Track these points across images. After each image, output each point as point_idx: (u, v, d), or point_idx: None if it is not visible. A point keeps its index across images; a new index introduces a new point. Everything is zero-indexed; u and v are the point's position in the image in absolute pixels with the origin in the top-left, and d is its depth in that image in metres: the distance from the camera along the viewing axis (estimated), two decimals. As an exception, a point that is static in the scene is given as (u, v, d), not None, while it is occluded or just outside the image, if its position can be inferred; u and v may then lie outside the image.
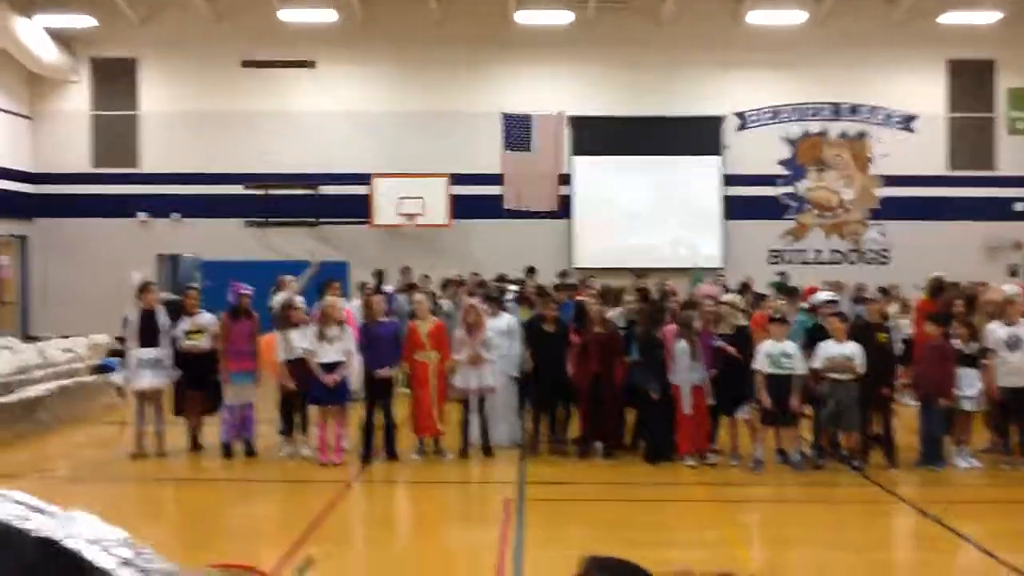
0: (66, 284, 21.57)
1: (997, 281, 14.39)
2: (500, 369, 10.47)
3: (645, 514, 8.35)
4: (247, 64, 21.91)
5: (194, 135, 21.89)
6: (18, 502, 0.70)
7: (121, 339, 10.72)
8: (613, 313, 10.95)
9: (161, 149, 22.08)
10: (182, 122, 21.94)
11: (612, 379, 10.01)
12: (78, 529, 0.68)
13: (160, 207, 21.91)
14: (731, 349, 9.89)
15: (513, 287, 13.06)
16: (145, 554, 0.70)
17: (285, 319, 10.20)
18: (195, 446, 10.50)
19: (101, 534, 0.68)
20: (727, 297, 11.38)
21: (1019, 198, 21.71)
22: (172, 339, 10.27)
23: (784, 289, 13.99)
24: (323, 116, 21.88)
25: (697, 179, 21.74)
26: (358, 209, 20.90)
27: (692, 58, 21.62)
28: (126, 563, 0.68)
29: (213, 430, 10.40)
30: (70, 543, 0.67)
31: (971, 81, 22.02)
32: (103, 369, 13.29)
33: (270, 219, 21.63)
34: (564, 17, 20.78)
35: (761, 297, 13.08)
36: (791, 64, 21.73)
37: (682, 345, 9.77)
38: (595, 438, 10.28)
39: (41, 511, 0.69)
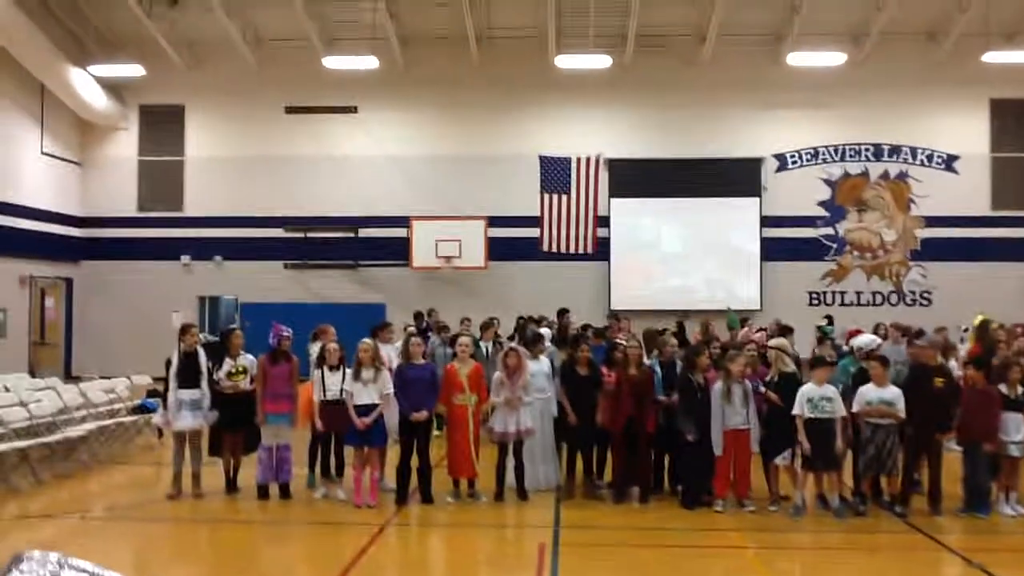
0: (108, 325, 21.93)
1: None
2: (541, 411, 10.43)
3: (681, 560, 8.21)
4: (291, 110, 22.33)
5: (237, 179, 22.27)
6: (82, 570, 0.68)
7: (161, 379, 10.81)
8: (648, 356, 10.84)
9: (205, 193, 22.50)
10: (226, 167, 22.34)
11: (645, 422, 9.92)
12: None
13: (203, 250, 22.26)
14: (773, 396, 9.75)
15: (546, 330, 13.01)
16: None
17: (321, 359, 10.27)
18: (231, 487, 10.53)
19: None
20: (775, 342, 11.12)
21: (1064, 239, 21.36)
22: (212, 380, 10.35)
23: (825, 332, 13.78)
24: (364, 160, 22.16)
25: (735, 221, 21.66)
26: (397, 251, 21.09)
27: (731, 100, 21.62)
28: None
29: (250, 472, 10.43)
30: None
31: (1015, 120, 21.79)
32: (143, 410, 13.43)
33: (309, 262, 21.87)
34: (603, 61, 20.90)
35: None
36: (831, 105, 21.65)
37: (718, 387, 9.69)
38: (630, 482, 10.16)
39: None
